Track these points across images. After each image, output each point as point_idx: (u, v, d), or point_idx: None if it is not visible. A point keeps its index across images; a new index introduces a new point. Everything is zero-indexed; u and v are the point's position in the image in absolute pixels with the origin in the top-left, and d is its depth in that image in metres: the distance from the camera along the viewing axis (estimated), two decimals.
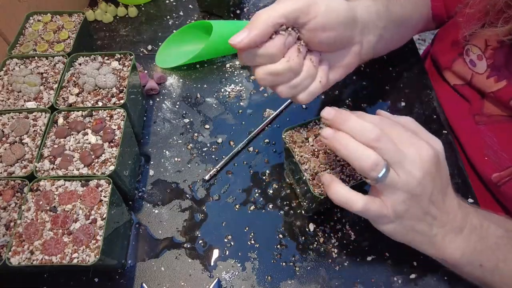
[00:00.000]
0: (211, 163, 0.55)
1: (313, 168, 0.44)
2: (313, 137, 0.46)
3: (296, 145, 0.46)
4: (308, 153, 0.45)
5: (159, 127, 0.59)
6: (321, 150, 0.45)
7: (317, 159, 0.44)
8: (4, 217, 0.41)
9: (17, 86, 0.50)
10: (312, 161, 0.44)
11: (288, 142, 0.46)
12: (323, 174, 0.41)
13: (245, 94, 0.63)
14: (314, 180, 0.43)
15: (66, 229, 0.39)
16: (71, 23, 0.58)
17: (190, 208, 0.51)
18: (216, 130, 0.59)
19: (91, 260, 0.38)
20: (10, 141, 0.46)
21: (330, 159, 0.44)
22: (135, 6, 0.73)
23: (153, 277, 0.46)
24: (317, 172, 0.43)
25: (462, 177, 0.55)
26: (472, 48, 0.55)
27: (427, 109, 0.62)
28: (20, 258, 0.38)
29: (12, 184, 0.43)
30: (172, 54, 0.67)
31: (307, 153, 0.45)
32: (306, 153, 0.45)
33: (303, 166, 0.44)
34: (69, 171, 0.44)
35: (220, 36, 0.61)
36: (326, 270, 0.46)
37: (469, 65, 0.56)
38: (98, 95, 0.50)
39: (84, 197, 0.41)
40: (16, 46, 0.55)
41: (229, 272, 0.46)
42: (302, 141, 0.46)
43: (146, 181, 0.53)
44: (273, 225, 0.50)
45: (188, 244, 0.48)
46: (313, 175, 0.43)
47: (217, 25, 0.61)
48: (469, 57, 0.56)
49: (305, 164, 0.44)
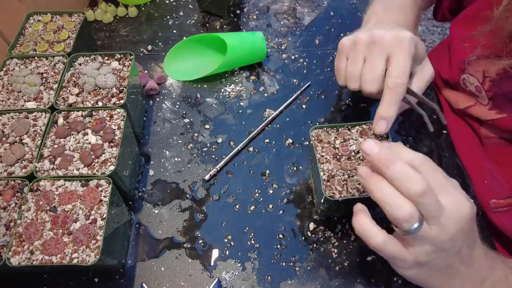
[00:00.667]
0: (211, 163, 0.55)
1: (332, 170, 0.43)
2: (340, 141, 0.45)
3: (321, 144, 0.45)
4: (330, 154, 0.44)
5: (159, 127, 0.59)
6: (344, 155, 0.44)
7: (338, 163, 0.44)
8: (4, 217, 0.41)
9: (17, 86, 0.50)
10: (332, 163, 0.44)
11: (313, 140, 0.46)
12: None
13: (245, 94, 0.63)
14: (329, 182, 0.43)
15: (66, 229, 0.39)
16: (71, 23, 0.58)
17: (190, 208, 0.51)
18: (216, 130, 0.59)
19: (91, 260, 0.38)
20: (10, 141, 0.46)
21: (352, 166, 0.43)
22: (135, 6, 0.73)
23: (153, 277, 0.46)
24: (334, 175, 0.43)
25: (461, 177, 0.55)
26: (469, 78, 0.53)
27: (427, 108, 0.62)
28: (20, 258, 0.38)
29: (12, 184, 0.43)
30: (181, 64, 0.66)
31: (329, 154, 0.44)
32: (328, 154, 0.44)
33: (322, 165, 0.44)
34: (69, 171, 0.44)
35: (233, 54, 0.61)
36: (326, 270, 0.46)
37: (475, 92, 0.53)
38: (98, 95, 0.50)
39: (84, 197, 0.41)
40: (16, 46, 0.55)
41: (229, 272, 0.46)
42: (328, 141, 0.46)
43: (146, 181, 0.53)
44: (273, 225, 0.50)
45: (188, 244, 0.48)
46: (329, 176, 0.43)
47: (230, 41, 0.60)
48: (468, 88, 0.54)
49: (324, 165, 0.44)
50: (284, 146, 0.57)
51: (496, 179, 0.52)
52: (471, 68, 0.52)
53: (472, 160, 0.56)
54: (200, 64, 0.66)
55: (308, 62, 0.67)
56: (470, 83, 0.53)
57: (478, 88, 0.52)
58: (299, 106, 0.62)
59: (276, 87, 0.64)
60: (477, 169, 0.55)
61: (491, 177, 0.52)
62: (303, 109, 0.61)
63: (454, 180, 0.35)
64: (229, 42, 0.60)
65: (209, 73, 0.62)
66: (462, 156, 0.57)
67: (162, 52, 0.68)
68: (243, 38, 0.63)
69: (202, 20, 0.73)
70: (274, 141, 0.58)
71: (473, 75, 0.52)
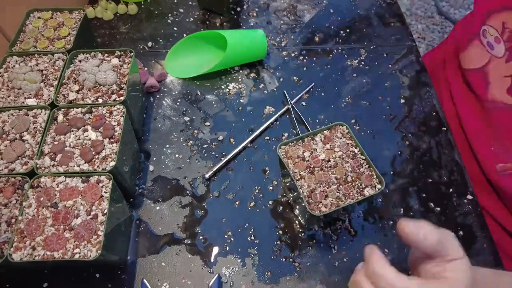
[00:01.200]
0: (211, 160, 0.55)
1: (309, 185, 0.42)
2: (309, 153, 0.45)
3: (292, 160, 0.44)
4: (304, 169, 0.43)
5: (159, 124, 0.59)
6: (316, 167, 0.44)
7: (312, 176, 0.43)
8: (5, 213, 0.41)
9: (17, 83, 0.50)
10: (307, 178, 0.43)
11: (283, 158, 0.45)
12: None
13: (245, 91, 0.63)
14: (310, 197, 0.42)
15: (68, 225, 0.40)
16: (71, 20, 0.58)
17: (191, 204, 0.51)
18: (216, 127, 0.59)
19: (92, 255, 0.38)
20: (11, 138, 0.46)
21: (326, 176, 0.43)
22: (135, 4, 0.73)
23: (154, 273, 0.46)
24: (313, 190, 0.42)
25: (460, 174, 0.55)
26: (489, 30, 0.54)
27: (426, 106, 0.62)
28: (22, 254, 0.38)
29: (13, 181, 0.43)
30: (182, 62, 0.66)
31: (303, 169, 0.43)
32: (301, 169, 0.43)
33: (298, 182, 0.43)
34: (70, 167, 0.44)
35: (233, 51, 0.61)
36: (325, 266, 0.47)
37: (487, 48, 0.54)
38: (98, 92, 0.50)
39: (85, 193, 0.41)
40: (17, 43, 0.55)
41: (229, 267, 0.47)
42: (298, 156, 0.45)
43: (146, 178, 0.53)
44: (272, 221, 0.50)
45: (189, 240, 0.48)
46: (309, 192, 0.42)
47: (230, 37, 0.60)
48: (486, 38, 0.54)
49: (300, 181, 0.43)
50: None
51: (503, 144, 0.52)
52: (491, 20, 0.53)
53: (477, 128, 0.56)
54: (201, 62, 0.66)
55: (308, 60, 0.68)
56: (490, 34, 0.54)
57: (497, 39, 0.53)
58: (298, 103, 0.62)
59: (276, 84, 0.64)
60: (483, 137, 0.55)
61: (499, 142, 0.53)
62: (303, 106, 0.61)
63: None
64: (230, 38, 0.60)
65: (210, 70, 0.63)
66: (467, 125, 0.57)
67: (162, 50, 0.68)
68: (243, 35, 0.63)
69: (202, 17, 0.73)
70: (274, 138, 0.58)
71: (493, 27, 0.53)
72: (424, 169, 0.55)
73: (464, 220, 0.51)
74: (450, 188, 0.54)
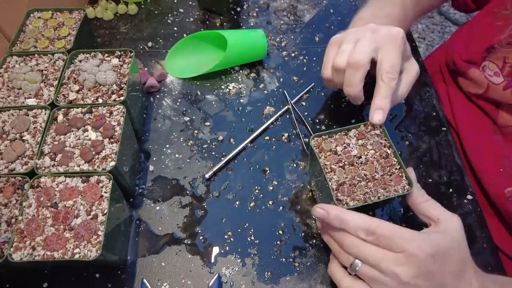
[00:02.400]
0: (211, 160, 0.55)
1: (338, 178, 0.43)
2: (341, 147, 0.45)
3: (324, 153, 0.45)
4: (335, 163, 0.44)
5: (159, 124, 0.59)
6: (348, 162, 0.44)
7: (343, 170, 0.43)
8: (5, 213, 0.41)
9: (17, 83, 0.50)
10: (337, 172, 0.43)
11: (315, 150, 0.45)
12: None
13: (245, 91, 0.63)
14: (337, 190, 0.42)
15: (68, 224, 0.40)
16: (71, 20, 0.58)
17: (191, 204, 0.51)
18: (216, 127, 0.59)
19: (92, 255, 0.38)
20: (11, 138, 0.46)
21: (356, 172, 0.43)
22: (136, 4, 0.73)
23: (154, 273, 0.46)
24: (342, 183, 0.42)
25: (460, 174, 0.55)
26: (489, 65, 0.54)
27: (427, 106, 0.62)
28: (22, 254, 0.38)
29: (13, 181, 0.43)
30: (182, 62, 0.66)
31: (334, 163, 0.44)
32: (332, 163, 0.44)
33: (328, 175, 0.43)
34: (70, 167, 0.44)
35: (233, 50, 0.61)
36: (325, 266, 0.47)
37: (485, 74, 0.55)
38: (98, 92, 0.50)
39: (85, 193, 0.42)
40: (17, 43, 0.55)
41: (229, 268, 0.47)
42: (330, 149, 0.45)
43: (146, 178, 0.53)
44: (272, 221, 0.50)
45: (189, 240, 0.48)
46: (338, 185, 0.42)
47: (230, 37, 0.60)
48: (485, 72, 0.55)
49: (329, 174, 0.43)
50: (284, 143, 0.57)
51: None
52: (492, 56, 0.54)
53: (484, 149, 0.56)
54: (201, 62, 0.66)
55: (308, 60, 0.68)
56: (490, 69, 0.55)
57: (496, 74, 0.54)
58: (298, 103, 0.62)
59: (276, 84, 0.64)
60: (490, 158, 0.55)
61: (509, 163, 0.53)
62: (303, 106, 0.61)
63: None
64: (230, 38, 0.60)
65: (210, 70, 0.63)
66: (470, 147, 0.57)
67: (162, 50, 0.68)
68: (243, 35, 0.63)
69: (202, 17, 0.73)
70: (274, 138, 0.58)
71: (494, 62, 0.54)
72: (424, 169, 0.55)
73: (464, 220, 0.51)
74: (450, 188, 0.54)
